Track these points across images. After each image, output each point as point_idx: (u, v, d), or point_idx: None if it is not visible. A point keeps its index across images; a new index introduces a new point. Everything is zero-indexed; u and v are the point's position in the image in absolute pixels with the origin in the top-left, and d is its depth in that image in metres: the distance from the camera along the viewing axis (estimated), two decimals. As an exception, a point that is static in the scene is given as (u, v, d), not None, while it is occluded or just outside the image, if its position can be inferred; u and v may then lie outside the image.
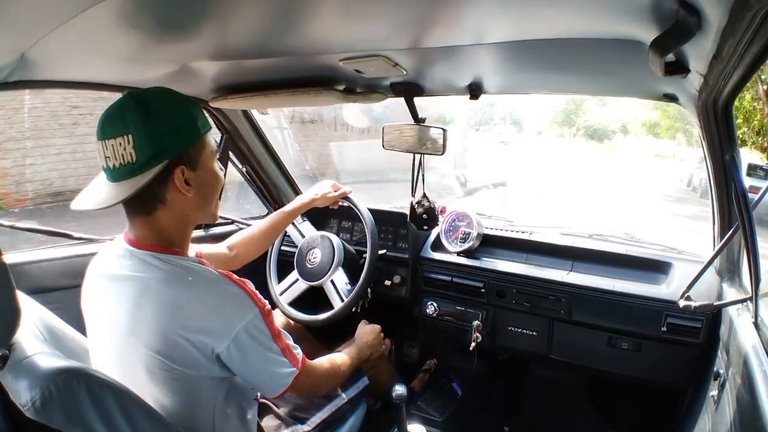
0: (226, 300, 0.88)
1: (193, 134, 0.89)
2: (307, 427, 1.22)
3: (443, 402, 1.83)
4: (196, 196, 0.90)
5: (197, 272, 0.88)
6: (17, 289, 0.75)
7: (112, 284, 0.91)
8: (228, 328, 0.86)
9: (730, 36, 0.56)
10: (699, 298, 1.13)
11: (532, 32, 0.87)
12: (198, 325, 0.85)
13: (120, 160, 0.83)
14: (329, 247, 1.65)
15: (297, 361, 0.97)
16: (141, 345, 0.85)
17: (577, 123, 27.83)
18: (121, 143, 0.82)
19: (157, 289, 0.85)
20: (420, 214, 1.63)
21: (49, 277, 1.33)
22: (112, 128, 0.84)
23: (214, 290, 0.88)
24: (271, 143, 1.94)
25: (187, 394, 0.89)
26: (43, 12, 0.72)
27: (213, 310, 0.87)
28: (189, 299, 0.86)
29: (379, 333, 1.48)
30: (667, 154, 23.04)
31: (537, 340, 1.60)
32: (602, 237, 1.69)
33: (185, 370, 0.86)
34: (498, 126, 24.56)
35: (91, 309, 0.96)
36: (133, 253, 0.89)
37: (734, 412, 0.88)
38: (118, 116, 0.84)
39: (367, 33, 0.94)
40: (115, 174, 0.85)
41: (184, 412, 0.89)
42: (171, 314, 0.84)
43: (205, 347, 0.85)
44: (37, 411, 0.72)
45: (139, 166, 0.83)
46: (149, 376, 0.87)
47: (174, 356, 0.85)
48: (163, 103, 0.88)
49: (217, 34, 0.97)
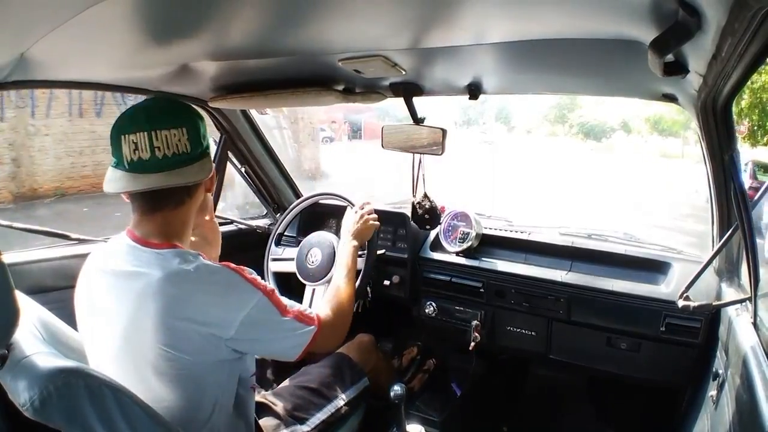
0: (227, 290, 0.91)
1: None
2: (306, 427, 1.22)
3: (442, 402, 1.83)
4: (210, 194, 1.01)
5: (198, 266, 0.90)
6: (16, 288, 0.75)
7: (115, 280, 0.91)
8: (232, 317, 0.90)
9: (730, 36, 0.56)
10: (698, 298, 1.13)
11: (532, 32, 0.87)
12: (203, 318, 0.88)
13: (174, 149, 0.90)
14: (328, 243, 1.66)
15: (313, 321, 1.02)
16: (146, 338, 0.86)
17: (570, 119, 26.39)
18: (176, 134, 0.90)
19: (160, 284, 0.87)
20: (422, 213, 1.63)
21: (48, 277, 1.33)
22: (163, 120, 0.90)
23: (215, 282, 0.91)
24: (270, 143, 1.94)
25: (191, 385, 0.91)
26: (43, 12, 0.72)
27: (216, 301, 0.89)
28: (192, 292, 0.88)
29: (363, 215, 1.53)
30: (675, 155, 20.92)
31: (536, 340, 1.60)
32: (601, 237, 1.69)
33: (192, 358, 0.88)
34: (485, 124, 23.56)
35: (89, 304, 0.96)
36: (137, 250, 0.91)
37: (733, 412, 0.88)
38: (169, 109, 0.94)
39: (367, 33, 0.94)
40: (162, 163, 0.89)
41: (186, 404, 0.90)
42: (176, 308, 0.86)
43: (212, 336, 0.88)
44: (36, 411, 0.72)
45: (191, 158, 0.92)
46: (153, 370, 0.87)
47: (181, 346, 0.87)
48: (194, 108, 0.99)
49: (216, 34, 0.97)
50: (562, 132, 27.28)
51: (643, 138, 24.09)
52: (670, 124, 20.38)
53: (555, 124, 28.00)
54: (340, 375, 1.39)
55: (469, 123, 25.15)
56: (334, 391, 1.32)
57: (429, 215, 1.63)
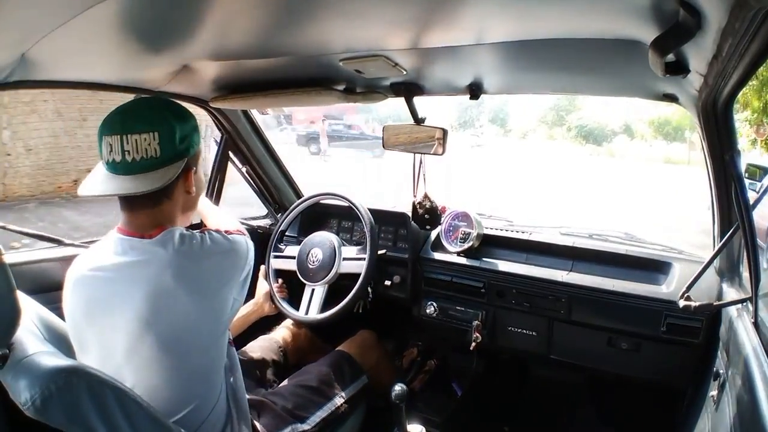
0: (233, 249, 0.99)
1: (199, 138, 0.99)
2: (306, 425, 1.22)
3: (443, 402, 1.83)
4: (194, 194, 1.00)
5: (199, 237, 0.95)
6: (17, 288, 0.75)
7: (118, 274, 0.92)
8: (239, 271, 0.99)
9: (731, 36, 0.56)
10: (699, 298, 1.12)
11: (533, 32, 0.87)
12: (218, 281, 0.95)
13: (142, 154, 0.89)
14: (329, 243, 1.65)
15: None
16: (160, 326, 0.89)
17: (568, 122, 25.15)
18: (146, 139, 0.89)
19: (172, 261, 0.90)
20: (422, 214, 1.63)
21: (49, 277, 1.33)
22: (136, 124, 0.89)
23: (223, 248, 0.97)
24: (271, 143, 1.94)
25: (193, 381, 0.94)
26: (43, 12, 0.72)
27: (229, 265, 0.98)
28: (200, 260, 0.94)
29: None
30: (680, 160, 19.34)
31: (537, 340, 1.60)
32: (602, 237, 1.69)
33: (190, 354, 0.92)
34: (482, 126, 22.43)
35: (87, 310, 0.94)
36: (133, 242, 0.93)
37: (734, 412, 0.88)
38: (144, 114, 0.92)
39: (367, 33, 0.95)
40: (132, 167, 0.89)
41: (187, 402, 0.92)
42: (194, 280, 0.92)
43: (227, 300, 0.97)
44: (36, 410, 0.72)
45: (161, 162, 0.90)
46: (160, 364, 0.90)
47: (201, 324, 0.93)
48: (180, 107, 0.97)
49: (217, 34, 0.97)
50: (560, 135, 26.22)
51: (647, 142, 22.88)
52: (678, 123, 19.10)
53: (553, 127, 27.02)
54: (340, 373, 1.39)
55: (465, 126, 24.46)
56: (333, 390, 1.33)
57: (429, 215, 1.63)
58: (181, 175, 0.94)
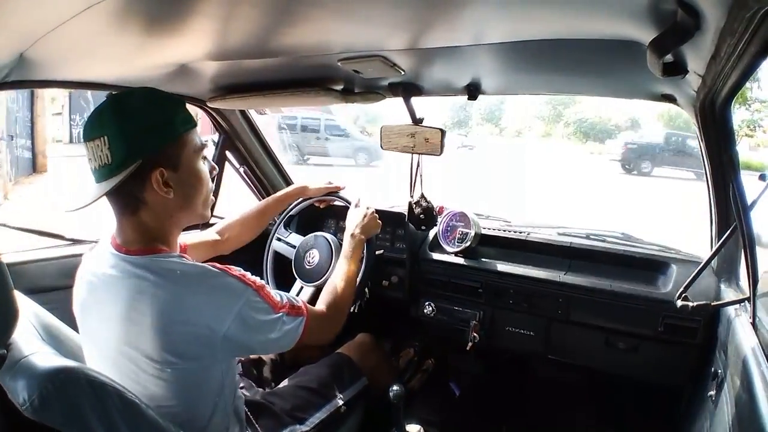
0: (216, 290, 0.89)
1: (169, 133, 0.89)
2: (305, 427, 1.22)
3: (441, 402, 1.84)
4: (178, 197, 0.91)
5: (184, 270, 0.89)
6: (15, 288, 0.75)
7: (105, 286, 0.91)
8: (225, 313, 0.88)
9: (729, 36, 0.57)
10: (696, 298, 1.13)
11: (530, 33, 0.87)
12: (196, 317, 0.86)
13: (99, 162, 0.85)
14: (327, 246, 1.65)
15: (301, 311, 1.01)
16: (142, 342, 0.85)
17: (566, 117, 23.00)
18: (99, 145, 0.85)
19: (149, 291, 0.85)
20: (418, 214, 1.63)
21: (47, 277, 1.33)
22: (92, 130, 0.86)
23: (204, 284, 0.89)
24: (268, 143, 1.94)
25: (189, 389, 0.91)
26: (42, 12, 0.72)
27: (207, 301, 0.87)
28: (183, 295, 0.86)
29: (369, 214, 1.48)
30: None
31: (534, 340, 1.60)
32: (600, 237, 1.69)
33: (188, 365, 0.88)
34: (479, 125, 20.91)
35: (84, 308, 0.96)
36: (119, 259, 0.90)
37: (732, 411, 0.88)
38: (97, 119, 0.86)
39: (366, 33, 0.95)
40: (96, 175, 0.87)
41: (185, 406, 0.91)
42: (168, 312, 0.85)
43: (208, 335, 0.87)
44: (35, 410, 0.72)
45: (115, 167, 0.84)
46: (151, 375, 0.87)
47: (178, 350, 0.86)
48: (137, 103, 0.89)
49: (215, 34, 0.97)
50: (557, 132, 24.41)
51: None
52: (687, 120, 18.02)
53: (549, 123, 25.28)
54: (339, 375, 1.39)
55: (459, 125, 23.54)
56: (332, 391, 1.32)
57: (425, 215, 1.63)
58: (146, 177, 0.86)
